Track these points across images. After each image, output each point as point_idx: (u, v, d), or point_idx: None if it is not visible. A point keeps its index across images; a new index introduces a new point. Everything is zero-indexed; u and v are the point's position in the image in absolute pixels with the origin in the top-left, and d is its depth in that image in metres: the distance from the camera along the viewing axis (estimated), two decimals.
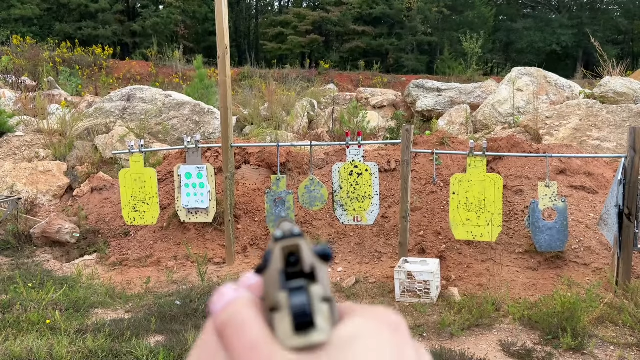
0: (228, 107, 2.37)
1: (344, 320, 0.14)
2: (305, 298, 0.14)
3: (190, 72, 7.08)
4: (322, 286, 0.14)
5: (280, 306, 0.14)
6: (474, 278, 2.24)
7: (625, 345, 1.70)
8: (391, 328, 0.14)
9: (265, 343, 0.13)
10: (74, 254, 2.80)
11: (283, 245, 0.15)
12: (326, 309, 0.14)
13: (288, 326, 0.14)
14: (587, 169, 2.68)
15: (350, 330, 0.14)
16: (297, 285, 0.14)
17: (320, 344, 0.13)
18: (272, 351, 0.13)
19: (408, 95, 5.90)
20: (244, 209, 2.83)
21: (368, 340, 0.13)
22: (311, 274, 0.15)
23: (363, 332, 0.14)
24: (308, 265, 0.15)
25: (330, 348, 0.13)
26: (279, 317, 0.14)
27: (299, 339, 0.13)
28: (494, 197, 2.07)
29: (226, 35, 2.31)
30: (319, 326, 0.14)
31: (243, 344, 0.13)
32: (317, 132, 4.56)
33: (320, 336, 0.13)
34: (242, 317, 0.14)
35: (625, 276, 1.97)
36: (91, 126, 3.87)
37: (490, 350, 1.72)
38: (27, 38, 7.74)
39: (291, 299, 0.14)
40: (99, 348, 1.65)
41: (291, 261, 0.15)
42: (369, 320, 0.14)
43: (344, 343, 0.13)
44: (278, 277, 0.15)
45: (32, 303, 1.98)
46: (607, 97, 3.56)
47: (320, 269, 0.15)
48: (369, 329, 0.14)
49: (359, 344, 0.13)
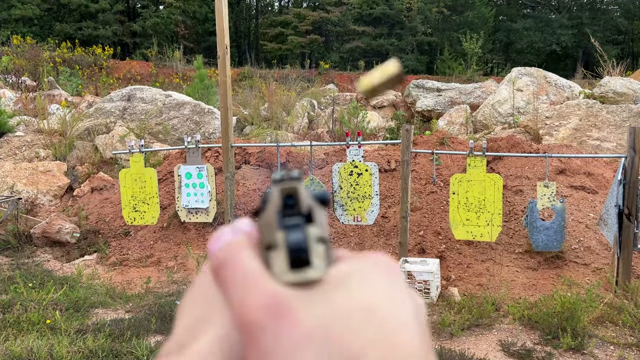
0: (228, 107, 2.38)
1: (340, 261, 0.15)
2: (302, 235, 0.14)
3: (191, 72, 7.09)
4: (318, 227, 0.14)
5: (276, 244, 0.14)
6: (473, 278, 2.24)
7: (625, 345, 1.70)
8: (384, 268, 0.14)
9: (260, 275, 0.13)
10: (74, 254, 2.80)
11: (281, 187, 0.15)
12: (322, 249, 0.14)
13: (283, 263, 0.14)
14: (587, 169, 2.68)
15: (344, 268, 0.14)
16: (293, 223, 0.14)
17: (315, 281, 0.13)
18: (267, 282, 0.13)
19: (408, 95, 5.90)
20: (244, 209, 2.83)
21: (362, 278, 0.13)
22: (309, 216, 0.15)
23: (357, 271, 0.14)
24: (305, 206, 0.15)
25: (324, 284, 0.13)
26: (274, 255, 0.14)
27: (294, 275, 0.13)
28: (493, 197, 2.07)
29: (226, 36, 2.31)
30: (314, 264, 0.13)
31: (237, 277, 0.13)
32: (317, 132, 4.57)
33: (315, 273, 0.13)
34: (238, 255, 0.14)
35: (625, 276, 1.97)
36: (91, 126, 3.87)
37: (490, 350, 1.72)
38: (27, 38, 7.73)
39: (287, 236, 0.14)
40: (99, 348, 1.65)
41: (289, 203, 0.15)
42: (362, 261, 0.14)
43: (339, 280, 0.13)
44: (275, 217, 0.14)
45: (32, 303, 1.98)
46: (607, 97, 3.56)
47: (318, 212, 0.15)
48: (362, 268, 0.14)
49: (352, 281, 0.13)
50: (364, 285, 0.13)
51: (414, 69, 11.35)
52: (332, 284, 0.13)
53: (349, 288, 0.13)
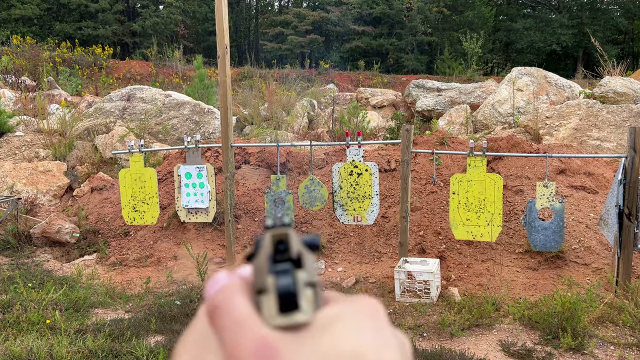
0: (228, 107, 2.37)
1: (327, 305, 0.15)
2: (291, 280, 0.14)
3: (190, 72, 7.07)
4: (307, 272, 0.15)
5: (266, 288, 0.15)
6: (474, 278, 2.24)
7: (625, 345, 1.70)
8: (370, 312, 0.15)
9: (250, 319, 0.14)
10: (74, 254, 2.80)
11: (273, 233, 0.16)
12: (310, 293, 0.15)
13: (273, 306, 0.14)
14: (587, 168, 2.68)
15: (332, 312, 0.14)
16: (283, 269, 0.15)
17: (303, 324, 0.14)
18: (257, 326, 0.14)
19: (408, 95, 5.89)
20: (244, 209, 2.83)
21: (348, 322, 0.14)
22: (298, 261, 0.15)
23: (344, 315, 0.14)
24: (295, 252, 0.15)
25: (312, 328, 0.14)
26: (265, 299, 0.14)
27: (282, 319, 0.14)
28: (494, 197, 2.07)
29: (226, 35, 2.31)
30: (303, 308, 0.14)
31: (230, 321, 0.14)
32: (317, 132, 4.56)
33: (303, 317, 0.14)
34: (231, 299, 0.15)
35: (625, 276, 1.97)
36: (91, 126, 3.86)
37: (490, 350, 1.72)
38: (27, 38, 7.72)
39: (277, 281, 0.14)
40: (99, 348, 1.65)
41: (280, 249, 0.15)
42: (349, 305, 0.15)
43: (326, 323, 0.14)
44: (266, 262, 0.15)
45: (32, 303, 1.98)
46: (607, 97, 3.55)
47: (307, 257, 0.15)
48: (349, 312, 0.14)
49: (339, 325, 0.14)
50: (350, 329, 0.14)
51: (414, 69, 11.36)
52: (319, 328, 0.14)
53: (336, 332, 0.14)
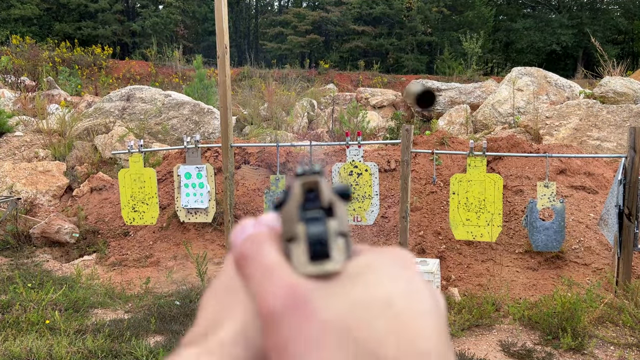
0: (228, 107, 2.37)
1: (358, 255, 0.15)
2: (322, 228, 0.14)
3: (190, 72, 7.08)
4: (339, 221, 0.14)
5: (297, 236, 0.14)
6: (473, 278, 2.24)
7: (625, 346, 1.70)
8: (402, 262, 0.14)
9: (280, 266, 0.14)
10: (74, 254, 2.80)
11: (303, 181, 0.15)
12: (341, 242, 0.14)
13: (304, 255, 0.14)
14: (587, 169, 2.68)
15: (363, 261, 0.14)
16: (314, 216, 0.14)
17: (334, 273, 0.14)
18: (287, 273, 0.13)
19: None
20: (244, 209, 2.83)
21: (380, 271, 0.14)
22: (329, 210, 0.15)
23: (375, 264, 0.14)
24: (326, 200, 0.15)
25: (343, 276, 0.14)
26: (295, 247, 0.14)
27: (313, 267, 0.14)
28: (494, 197, 2.07)
29: (226, 35, 2.31)
30: (334, 257, 0.14)
31: (259, 268, 0.14)
32: (316, 132, 4.56)
33: (334, 266, 0.14)
34: (260, 247, 0.14)
35: (625, 276, 1.97)
36: (90, 126, 3.86)
37: (490, 350, 1.72)
38: (26, 38, 7.72)
39: (308, 228, 0.14)
40: (99, 348, 1.65)
41: (310, 197, 0.15)
42: (381, 255, 0.14)
43: (357, 272, 0.14)
44: (296, 210, 0.15)
45: (31, 303, 1.97)
46: (607, 97, 3.55)
47: (339, 206, 0.15)
48: (381, 261, 0.14)
49: (370, 274, 0.13)
50: (381, 278, 0.13)
51: (414, 69, 11.36)
52: (350, 277, 0.13)
53: (367, 281, 0.13)
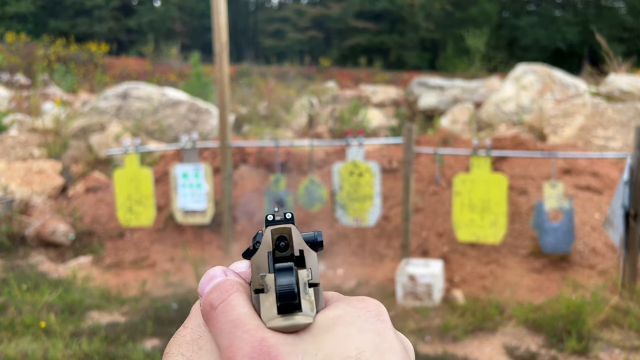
0: (226, 105, 2.32)
1: (328, 306, 0.14)
2: (292, 279, 0.14)
3: (188, 69, 6.99)
4: (309, 272, 0.14)
5: (266, 287, 0.14)
6: (477, 280, 2.21)
7: (631, 349, 1.67)
8: (373, 314, 0.14)
9: (248, 319, 0.13)
10: (69, 256, 2.76)
11: (273, 228, 0.15)
12: (312, 294, 0.14)
13: (273, 307, 0.13)
14: (592, 168, 2.64)
15: (334, 314, 0.14)
16: (284, 267, 0.14)
17: (304, 326, 0.13)
18: (255, 327, 0.13)
19: (410, 93, 5.84)
20: (243, 210, 2.78)
21: (350, 324, 0.13)
22: (301, 259, 0.14)
23: (346, 316, 0.14)
24: (297, 249, 0.14)
25: (313, 330, 0.13)
26: (264, 298, 0.14)
27: (283, 320, 0.13)
28: (498, 197, 2.03)
29: (224, 32, 2.25)
30: (304, 309, 0.13)
31: (227, 321, 0.13)
32: (317, 131, 4.51)
33: (304, 319, 0.13)
34: (228, 298, 0.14)
35: (630, 278, 1.94)
36: (86, 125, 3.80)
37: (494, 353, 1.69)
38: (21, 35, 7.61)
39: (278, 280, 0.14)
40: (95, 352, 1.62)
41: (281, 246, 0.15)
42: (352, 306, 0.14)
43: (328, 325, 0.13)
44: (266, 259, 0.14)
45: (26, 305, 1.94)
46: (612, 95, 3.49)
47: (309, 255, 0.15)
48: (352, 314, 0.14)
49: (341, 327, 0.13)
50: (352, 332, 0.13)
51: (417, 66, 11.27)
52: (320, 330, 0.13)
53: (338, 335, 0.13)
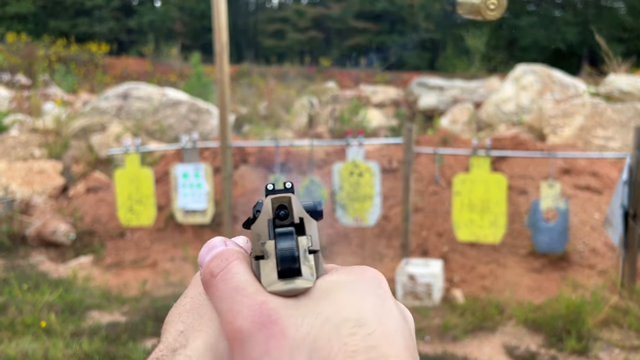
0: (226, 105, 2.33)
1: (328, 272, 0.15)
2: (292, 244, 0.14)
3: (188, 69, 7.00)
4: (309, 238, 0.14)
5: (266, 253, 0.14)
6: (477, 280, 2.21)
7: (630, 348, 1.68)
8: (373, 282, 0.14)
9: (248, 284, 0.13)
10: (70, 255, 2.77)
11: (273, 197, 0.15)
12: (312, 260, 0.14)
13: (273, 272, 0.13)
14: (592, 168, 2.64)
15: (334, 279, 0.14)
16: (284, 231, 0.14)
17: (304, 290, 0.13)
18: (255, 291, 0.13)
19: (410, 93, 5.85)
20: (243, 210, 2.79)
21: (350, 289, 0.14)
22: (301, 227, 0.14)
23: (346, 282, 0.14)
24: (297, 217, 0.14)
25: (313, 294, 0.13)
26: (264, 264, 0.14)
27: (283, 284, 0.13)
28: (498, 197, 2.04)
29: (224, 32, 2.25)
30: (304, 273, 0.14)
31: (227, 286, 0.13)
32: (317, 131, 4.52)
33: (304, 283, 0.13)
34: (228, 266, 0.14)
35: (630, 278, 1.94)
36: (87, 125, 3.81)
37: (494, 353, 1.70)
38: (22, 35, 7.62)
39: (278, 245, 0.14)
40: (95, 351, 1.63)
41: (281, 215, 0.15)
42: (352, 274, 0.14)
43: (327, 290, 0.13)
44: (267, 227, 0.14)
45: (27, 305, 1.94)
46: (612, 95, 3.50)
47: (309, 223, 0.15)
48: (351, 280, 0.14)
49: (341, 292, 0.13)
50: (352, 296, 0.13)
51: (416, 66, 11.28)
52: (320, 295, 0.13)
53: (338, 299, 0.13)
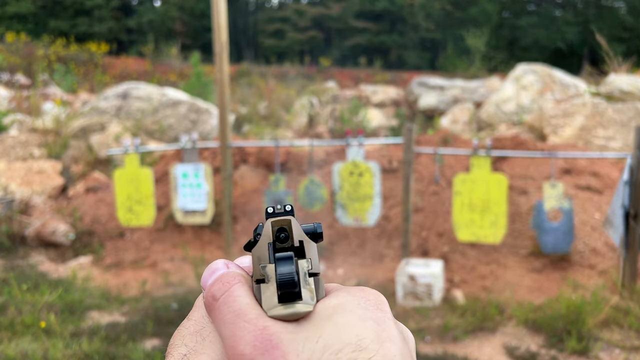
0: (226, 105, 2.32)
1: (329, 295, 0.15)
2: (292, 268, 0.14)
3: (188, 69, 6.99)
4: (309, 261, 0.15)
5: (267, 277, 0.14)
6: (477, 280, 2.21)
7: (631, 349, 1.67)
8: (373, 303, 0.14)
9: (250, 309, 0.13)
10: (69, 256, 2.76)
11: (273, 220, 0.15)
12: (312, 283, 0.14)
13: (274, 296, 0.14)
14: (592, 168, 2.64)
15: (334, 302, 0.14)
16: (284, 256, 0.14)
17: (305, 314, 0.13)
18: (257, 317, 0.13)
19: (410, 93, 5.85)
20: (242, 210, 2.78)
21: (351, 312, 0.14)
22: (301, 250, 0.15)
23: (346, 305, 0.14)
24: (297, 240, 0.15)
25: (314, 318, 0.13)
26: (265, 288, 0.14)
27: (283, 309, 0.13)
28: (498, 197, 2.03)
29: (223, 32, 2.24)
30: (304, 297, 0.14)
31: (229, 312, 0.14)
32: (317, 131, 4.51)
33: (304, 307, 0.14)
34: (230, 290, 0.14)
35: (630, 278, 1.94)
36: (86, 125, 3.80)
37: (494, 353, 1.69)
38: (21, 35, 7.61)
39: (278, 269, 0.14)
40: (95, 352, 1.62)
41: (281, 237, 0.15)
42: (352, 295, 0.15)
43: (328, 314, 0.14)
44: (267, 250, 0.15)
45: (26, 305, 1.94)
46: (612, 95, 3.49)
47: (309, 246, 0.15)
48: (352, 303, 0.14)
49: (341, 315, 0.13)
50: (352, 320, 0.13)
51: (417, 66, 11.26)
52: (321, 318, 0.13)
53: (338, 323, 0.13)
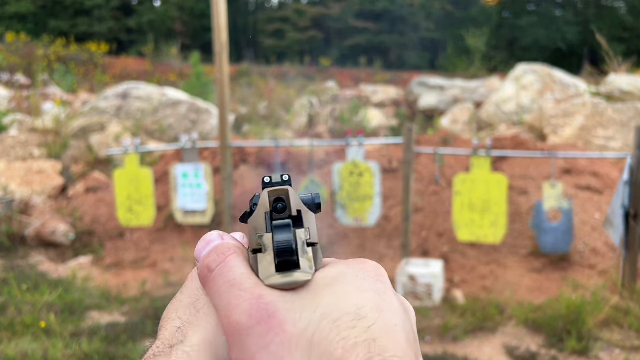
0: (226, 105, 2.32)
1: (327, 266, 0.14)
2: (290, 235, 0.13)
3: (188, 69, 6.99)
4: (307, 231, 0.14)
5: (264, 246, 0.14)
6: (477, 280, 2.21)
7: (631, 349, 1.67)
8: (372, 274, 0.14)
9: (246, 278, 0.13)
10: (69, 256, 2.76)
11: (270, 190, 0.14)
12: (310, 252, 0.14)
13: (271, 265, 0.13)
14: (593, 168, 2.64)
15: (333, 272, 0.14)
16: (282, 224, 0.14)
17: (303, 283, 0.13)
18: (253, 286, 0.13)
19: (410, 93, 5.85)
20: (242, 210, 2.78)
21: (350, 282, 0.13)
22: (299, 220, 0.14)
23: (345, 275, 0.14)
24: (295, 210, 0.14)
25: (312, 287, 0.13)
26: (262, 257, 0.13)
27: (281, 278, 0.13)
28: (498, 197, 2.03)
29: (223, 32, 2.24)
30: (302, 266, 0.13)
31: (224, 281, 0.13)
32: (317, 131, 4.51)
33: (303, 276, 0.13)
34: (225, 260, 0.14)
35: (630, 278, 1.94)
36: (86, 125, 3.80)
37: (494, 353, 1.69)
38: (21, 35, 7.61)
39: (276, 237, 0.13)
40: (95, 352, 1.62)
41: (278, 208, 0.14)
42: (351, 267, 0.14)
43: (326, 283, 0.13)
44: (264, 220, 0.14)
45: (26, 305, 1.94)
46: (612, 95, 3.49)
47: (307, 216, 0.14)
48: (351, 274, 0.14)
49: (340, 285, 0.13)
50: (351, 289, 0.13)
51: (417, 66, 11.27)
52: (319, 288, 0.13)
53: (336, 292, 0.13)
